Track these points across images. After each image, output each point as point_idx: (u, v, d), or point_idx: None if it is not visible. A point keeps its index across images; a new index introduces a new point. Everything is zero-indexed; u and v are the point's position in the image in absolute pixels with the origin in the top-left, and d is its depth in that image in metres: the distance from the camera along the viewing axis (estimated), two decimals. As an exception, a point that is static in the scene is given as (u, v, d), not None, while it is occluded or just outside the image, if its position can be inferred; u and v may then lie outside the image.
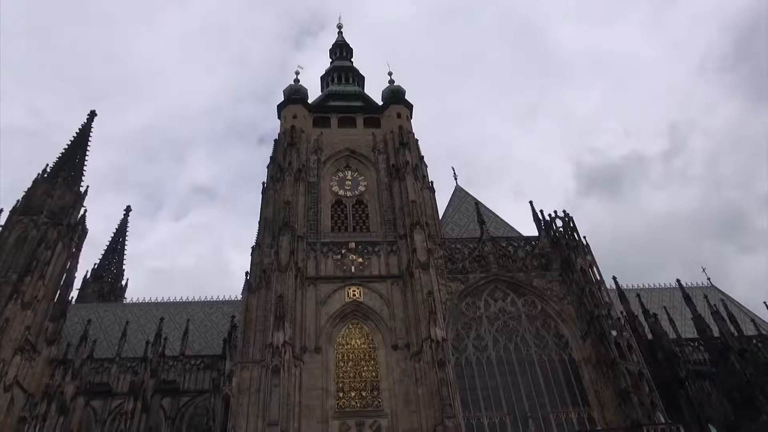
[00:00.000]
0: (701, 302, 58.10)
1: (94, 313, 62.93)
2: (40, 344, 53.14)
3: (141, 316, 63.33)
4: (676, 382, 45.99)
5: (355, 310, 43.91)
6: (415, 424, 37.29)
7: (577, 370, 41.64)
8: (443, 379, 36.79)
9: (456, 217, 56.41)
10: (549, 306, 44.93)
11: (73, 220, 63.90)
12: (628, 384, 36.96)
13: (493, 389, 40.09)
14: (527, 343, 42.80)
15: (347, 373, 40.61)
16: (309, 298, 43.77)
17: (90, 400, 51.61)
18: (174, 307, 65.33)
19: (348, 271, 46.06)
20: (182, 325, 59.70)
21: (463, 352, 42.04)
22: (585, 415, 39.31)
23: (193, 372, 55.02)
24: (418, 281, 42.95)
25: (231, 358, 41.74)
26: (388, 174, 54.18)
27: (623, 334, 39.86)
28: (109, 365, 54.45)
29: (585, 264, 44.34)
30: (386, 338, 42.18)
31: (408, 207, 48.83)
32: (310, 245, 47.49)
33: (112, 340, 57.94)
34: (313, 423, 37.29)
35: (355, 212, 52.07)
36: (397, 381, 39.70)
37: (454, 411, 35.52)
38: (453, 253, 47.60)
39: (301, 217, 49.01)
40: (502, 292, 45.72)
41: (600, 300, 41.88)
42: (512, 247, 48.86)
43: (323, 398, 38.62)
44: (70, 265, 61.46)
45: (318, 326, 42.28)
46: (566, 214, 48.55)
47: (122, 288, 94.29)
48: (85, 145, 73.83)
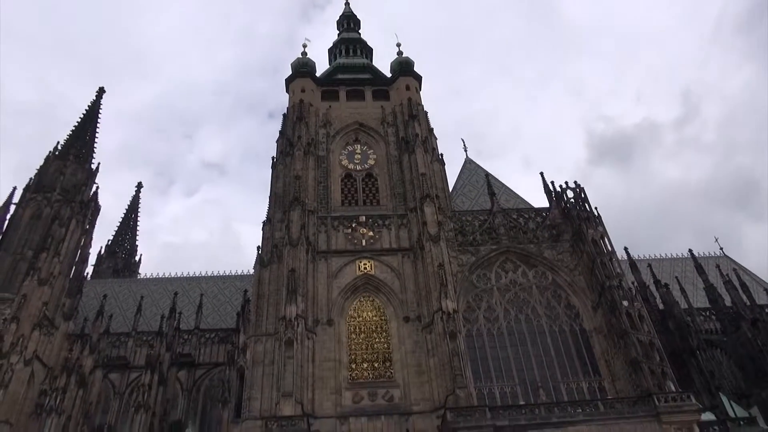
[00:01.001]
0: (713, 272, 57.93)
1: (110, 289, 63.88)
2: (57, 319, 54.15)
3: (155, 291, 64.18)
4: (687, 351, 46.19)
5: (366, 283, 44.22)
6: (427, 394, 37.83)
7: (588, 341, 41.86)
8: (454, 350, 37.18)
9: (466, 190, 56.20)
10: (560, 277, 44.97)
11: (85, 197, 64.43)
12: (639, 354, 37.14)
13: (504, 360, 40.46)
14: (538, 314, 43.00)
15: (359, 345, 41.11)
16: (320, 272, 44.12)
17: (108, 373, 52.74)
18: (187, 282, 66.10)
19: (359, 245, 46.26)
20: (196, 300, 60.50)
21: (474, 323, 42.33)
22: (596, 385, 39.64)
23: (208, 345, 55.92)
24: (428, 254, 43.09)
25: (245, 332, 42.32)
26: (397, 147, 53.96)
27: (634, 304, 39.90)
28: (126, 339, 55.46)
29: (596, 235, 44.18)
30: (398, 310, 42.53)
31: (418, 180, 48.73)
32: (320, 219, 47.66)
33: (128, 315, 58.89)
34: (327, 393, 37.93)
35: (365, 186, 52.05)
36: (408, 352, 40.14)
37: (465, 381, 35.99)
38: (463, 226, 47.58)
39: (311, 191, 49.09)
40: (513, 264, 45.76)
41: (611, 271, 41.83)
42: (523, 218, 48.74)
43: (336, 369, 39.19)
44: (84, 241, 62.21)
45: (330, 299, 42.69)
46: (577, 185, 48.23)
47: (136, 263, 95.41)
48: (94, 121, 74.05)
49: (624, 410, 32.76)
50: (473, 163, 59.98)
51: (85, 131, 71.91)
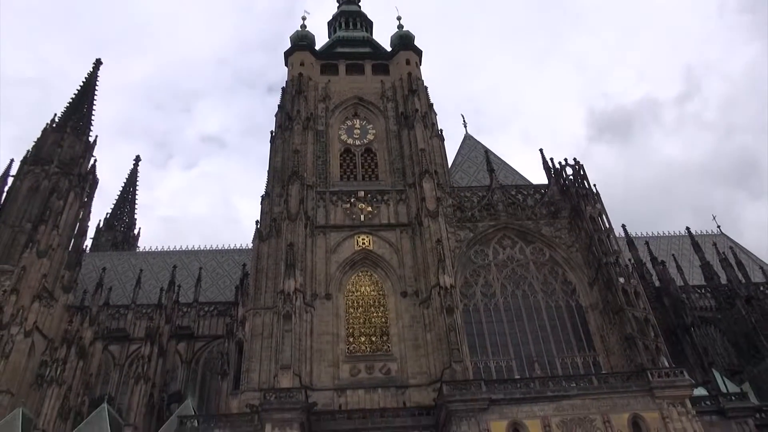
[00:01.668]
0: (710, 250, 58.22)
1: (109, 262, 64.12)
2: (57, 291, 54.44)
3: (154, 264, 64.43)
4: (681, 328, 46.69)
5: (364, 258, 44.40)
6: (424, 368, 38.31)
7: (584, 316, 42.23)
8: (451, 324, 37.51)
9: (465, 166, 56.08)
10: (557, 253, 45.17)
11: (83, 170, 64.25)
12: (634, 330, 37.51)
13: (500, 335, 40.88)
14: (534, 289, 43.29)
15: (357, 319, 41.46)
16: (319, 247, 44.25)
17: (108, 345, 53.25)
18: (186, 255, 66.32)
19: (357, 220, 46.32)
20: (195, 273, 60.81)
21: (471, 298, 42.63)
22: (590, 360, 40.13)
23: (207, 318, 56.36)
24: (427, 229, 43.18)
25: (243, 305, 42.64)
26: (397, 122, 53.67)
27: (631, 281, 40.14)
28: (125, 311, 55.85)
29: (594, 212, 44.24)
30: (395, 285, 42.79)
31: (417, 155, 48.58)
32: (319, 194, 47.63)
33: (127, 288, 59.23)
34: (325, 366, 38.39)
35: (364, 161, 51.89)
36: (406, 327, 40.51)
37: (461, 355, 36.40)
38: (462, 202, 47.59)
39: (310, 165, 48.95)
40: (511, 240, 45.90)
41: (608, 248, 41.99)
42: (521, 195, 48.74)
43: (334, 343, 39.59)
44: (83, 214, 62.23)
45: (328, 274, 42.90)
46: (576, 162, 48.13)
47: (135, 237, 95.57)
48: (92, 94, 73.43)
49: (617, 385, 33.17)
50: (472, 139, 59.75)
51: (83, 104, 71.35)
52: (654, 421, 31.61)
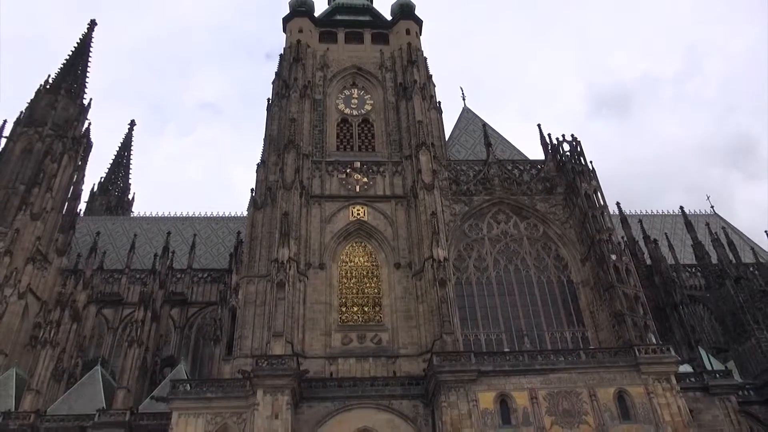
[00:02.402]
0: (702, 229, 58.55)
1: (103, 226, 64.03)
2: (51, 254, 54.45)
3: (148, 230, 64.43)
4: (670, 305, 47.27)
5: (359, 228, 44.47)
6: (415, 339, 38.75)
7: (575, 292, 42.65)
8: (443, 297, 37.81)
9: (463, 139, 55.85)
10: (551, 229, 45.35)
11: (77, 133, 63.64)
12: (623, 306, 37.94)
13: (492, 308, 41.29)
14: (527, 264, 43.58)
15: (350, 289, 41.73)
16: (314, 216, 44.25)
17: (101, 309, 53.59)
18: (181, 221, 66.29)
19: (353, 191, 46.24)
20: (189, 240, 60.90)
21: (464, 272, 42.91)
22: (579, 335, 40.68)
23: (201, 284, 56.66)
24: (422, 202, 43.19)
25: (237, 272, 42.82)
26: (395, 93, 53.17)
27: (623, 258, 40.45)
28: (119, 276, 56.05)
29: (590, 189, 44.29)
30: (389, 257, 42.97)
31: (414, 127, 48.28)
32: (315, 164, 47.43)
33: (121, 252, 59.32)
34: (317, 335, 38.77)
35: (361, 131, 51.55)
36: (398, 298, 40.83)
37: (452, 327, 36.78)
38: (458, 175, 47.52)
39: (306, 134, 48.62)
40: (505, 215, 46.01)
41: (602, 225, 42.18)
42: (518, 170, 48.68)
43: (326, 312, 39.92)
44: (77, 177, 61.87)
45: (322, 243, 43.01)
46: (574, 138, 47.99)
47: (129, 201, 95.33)
48: (86, 56, 72.28)
49: (605, 360, 33.67)
50: (471, 113, 59.36)
51: (77, 65, 70.31)
52: (639, 395, 32.21)
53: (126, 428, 36.56)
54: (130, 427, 36.79)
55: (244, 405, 33.16)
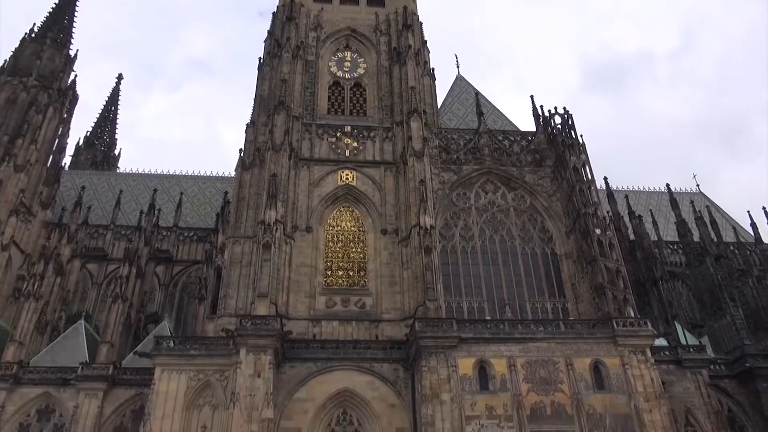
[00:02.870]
0: (687, 207, 59.21)
1: (88, 181, 63.41)
2: (35, 207, 53.92)
3: (135, 187, 63.94)
4: (650, 281, 48.12)
5: (347, 193, 44.43)
6: (398, 304, 39.21)
7: (558, 264, 43.20)
8: (428, 264, 38.12)
9: (455, 107, 55.52)
10: (538, 201, 45.62)
11: (63, 85, 62.35)
12: (604, 280, 38.56)
13: (475, 277, 41.76)
14: (513, 235, 43.94)
15: (336, 254, 41.92)
16: (302, 179, 44.08)
17: (86, 263, 53.50)
18: (167, 179, 65.79)
19: (342, 155, 46.00)
20: (176, 198, 60.59)
21: (450, 240, 43.21)
22: (560, 306, 41.39)
23: (186, 243, 56.63)
24: (411, 169, 43.12)
25: (223, 232, 42.79)
26: (389, 57, 52.43)
27: (607, 233, 40.89)
28: (104, 231, 55.81)
29: (578, 163, 44.41)
30: (376, 222, 43.10)
31: (407, 93, 47.82)
32: (305, 126, 46.99)
33: (107, 208, 58.95)
34: (301, 297, 39.09)
35: (353, 95, 50.97)
36: (383, 263, 41.12)
37: (436, 294, 37.21)
38: (448, 143, 47.38)
39: (297, 96, 48.01)
40: (494, 185, 46.14)
41: (588, 199, 42.46)
42: (508, 141, 48.62)
43: (311, 275, 40.17)
44: (62, 130, 60.84)
45: (310, 207, 42.98)
46: (566, 111, 47.85)
47: (115, 157, 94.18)
48: (73, 4, 70.25)
49: (583, 331, 34.37)
50: (464, 81, 58.88)
51: (63, 15, 68.42)
52: (614, 366, 33.03)
53: (109, 382, 36.92)
54: (113, 381, 37.16)
55: (227, 363, 33.63)
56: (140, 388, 36.43)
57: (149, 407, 32.42)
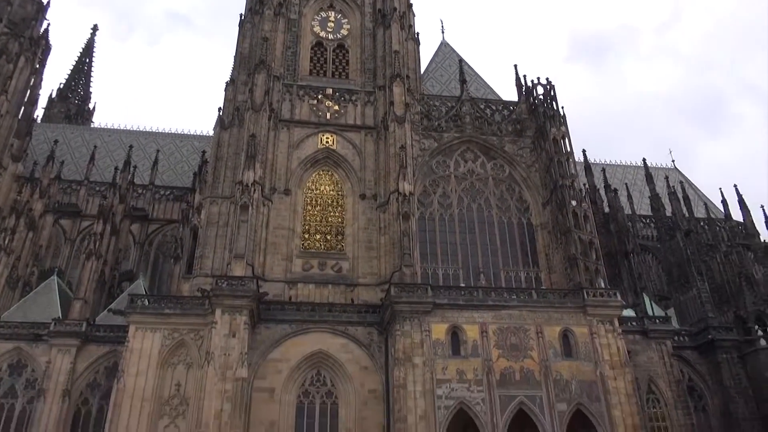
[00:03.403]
0: (662, 182, 60.20)
1: (61, 135, 61.83)
2: (5, 160, 52.42)
3: (110, 142, 62.61)
4: (622, 253, 49.16)
5: (327, 156, 44.15)
6: (374, 269, 39.56)
7: (533, 234, 43.83)
8: (406, 230, 38.37)
9: (438, 74, 55.05)
10: (516, 171, 45.93)
11: (35, 33, 59.98)
12: (577, 251, 39.30)
13: (452, 244, 42.23)
14: (490, 204, 44.32)
15: (314, 217, 41.89)
16: (281, 141, 43.62)
17: (59, 219, 52.54)
18: (144, 136, 64.50)
19: (323, 118, 45.51)
20: (152, 155, 59.52)
21: (428, 207, 43.45)
22: (533, 275, 42.18)
23: (162, 202, 55.90)
24: (392, 134, 42.92)
25: (200, 192, 42.35)
26: (373, 19, 51.48)
27: (582, 205, 41.48)
28: (78, 187, 54.73)
29: (558, 134, 44.66)
30: (355, 187, 43.03)
31: (390, 57, 47.21)
32: (286, 87, 46.24)
33: (80, 163, 57.70)
34: (278, 259, 39.14)
35: (336, 57, 50.10)
36: (361, 228, 41.25)
37: (412, 260, 37.60)
38: (430, 110, 47.17)
39: (279, 55, 47.06)
40: (473, 154, 46.25)
41: (566, 171, 42.89)
42: (490, 109, 48.58)
43: (289, 237, 40.16)
44: (34, 81, 58.77)
45: (289, 169, 42.68)
46: (548, 82, 47.80)
47: (90, 111, 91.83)
48: (45, -51, 67.10)
49: (555, 300, 35.17)
50: (448, 47, 58.29)
51: (34, -42, 65.33)
52: (582, 335, 33.99)
53: (82, 338, 36.79)
54: (87, 338, 37.04)
55: (202, 323, 33.76)
56: (114, 345, 36.40)
57: (123, 364, 32.54)
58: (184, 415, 32.12)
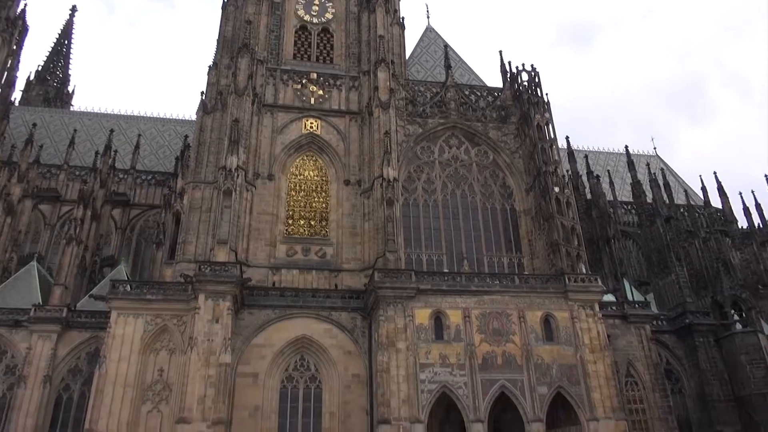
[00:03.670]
0: (643, 169, 60.88)
1: (40, 118, 60.68)
2: (-18, 143, 51.49)
3: (90, 126, 61.63)
4: (603, 239, 49.67)
5: (311, 142, 43.92)
6: (358, 255, 39.63)
7: (516, 220, 44.16)
8: (390, 216, 38.42)
9: (423, 59, 54.87)
10: (500, 158, 46.11)
11: (12, 14, 58.53)
12: (560, 236, 39.69)
13: (436, 230, 42.40)
14: (474, 191, 44.51)
15: (298, 203, 41.75)
16: (265, 126, 43.28)
17: (38, 204, 51.76)
18: (125, 120, 63.60)
19: (307, 103, 45.20)
20: (133, 140, 58.78)
21: (413, 193, 43.52)
22: (516, 261, 42.57)
23: (144, 187, 55.32)
24: (376, 120, 42.80)
25: (183, 177, 41.92)
26: (358, 3, 51.00)
27: (565, 191, 41.82)
28: (57, 172, 53.90)
29: (542, 121, 44.86)
30: (339, 173, 42.92)
31: (375, 42, 46.90)
32: (269, 71, 45.79)
33: (60, 147, 56.76)
34: (261, 245, 39.03)
35: (320, 41, 49.64)
36: (345, 214, 41.23)
37: (396, 246, 37.69)
38: (415, 96, 47.06)
39: (263, 39, 46.53)
40: (458, 140, 46.32)
41: (549, 157, 43.16)
42: (475, 96, 48.61)
43: (273, 223, 40.02)
44: (11, 63, 57.45)
45: (272, 154, 42.40)
46: (533, 68, 47.89)
47: (69, 94, 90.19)
48: (21, -74, 65.32)
49: (537, 285, 35.55)
50: (434, 32, 58.05)
51: (10, -64, 63.61)
52: (564, 320, 34.45)
53: (63, 324, 36.48)
54: (68, 324, 36.73)
55: (185, 308, 33.63)
56: (96, 331, 36.18)
57: (105, 350, 32.34)
58: (167, 400, 32.09)
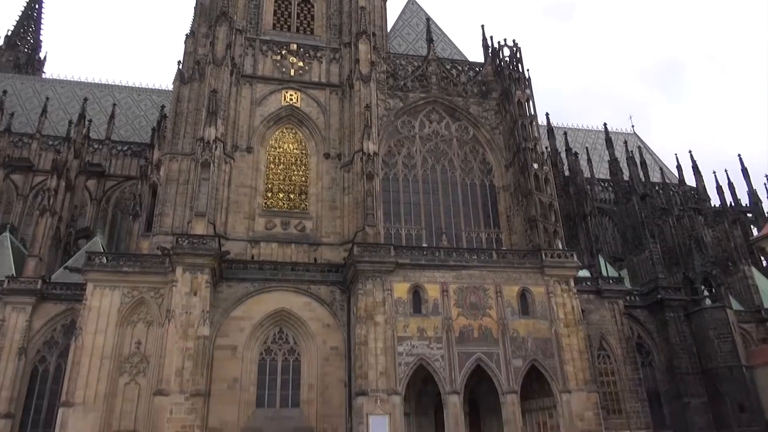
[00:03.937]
0: (621, 147, 61.54)
1: (10, 85, 59.04)
2: (-50, 110, 50.00)
3: (63, 94, 60.14)
4: (580, 216, 50.43)
5: (290, 114, 43.40)
6: (338, 229, 39.61)
7: (495, 196, 44.45)
8: (369, 190, 38.38)
9: (405, 32, 54.23)
10: (480, 133, 46.15)
11: (-22, -25, 56.50)
12: (537, 213, 40.11)
13: (415, 205, 42.52)
14: (454, 166, 44.59)
15: (277, 176, 41.41)
16: (244, 97, 42.60)
17: (10, 174, 50.71)
18: (99, 89, 62.14)
19: (287, 74, 44.51)
20: (108, 109, 57.57)
21: (393, 167, 43.45)
22: (494, 236, 42.97)
23: (120, 157, 54.42)
24: (357, 93, 42.41)
25: (160, 148, 41.27)
26: (339, -28, 49.97)
27: (543, 167, 42.10)
28: (29, 141, 52.70)
29: (523, 97, 44.89)
30: (319, 146, 42.60)
31: (356, 13, 46.19)
32: (248, 41, 44.90)
33: (32, 116, 55.39)
34: (240, 218, 38.75)
35: (301, 11, 48.68)
36: (325, 188, 41.06)
37: (375, 220, 37.75)
38: (396, 69, 46.65)
39: (241, 7, 45.49)
40: (438, 115, 46.19)
41: (529, 134, 43.31)
42: (456, 70, 48.34)
43: (251, 196, 39.71)
44: (-21, 27, 55.70)
45: (251, 126, 41.84)
46: (515, 44, 47.73)
47: (41, 61, 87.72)
48: None
49: (514, 261, 35.99)
50: (416, 5, 57.28)
51: None
52: (539, 294, 35.03)
53: (38, 296, 35.99)
54: (42, 296, 36.27)
55: (162, 281, 33.42)
56: (71, 303, 35.82)
57: (81, 322, 32.10)
58: (144, 372, 32.08)
